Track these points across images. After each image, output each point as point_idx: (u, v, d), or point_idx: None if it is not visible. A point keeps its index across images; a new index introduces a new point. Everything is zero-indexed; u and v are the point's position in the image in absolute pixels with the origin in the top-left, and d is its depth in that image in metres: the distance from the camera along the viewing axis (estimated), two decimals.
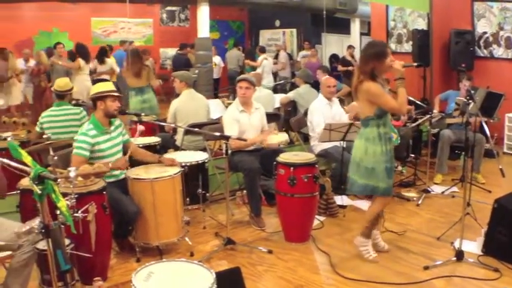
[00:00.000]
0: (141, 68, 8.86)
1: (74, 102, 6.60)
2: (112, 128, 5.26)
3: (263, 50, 14.79)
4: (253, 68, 13.97)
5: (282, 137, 6.47)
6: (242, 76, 6.34)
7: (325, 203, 6.39)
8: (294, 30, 18.29)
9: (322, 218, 6.25)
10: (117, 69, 11.41)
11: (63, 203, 2.99)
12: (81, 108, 6.51)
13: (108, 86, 5.24)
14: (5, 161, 3.43)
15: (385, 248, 5.29)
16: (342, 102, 8.55)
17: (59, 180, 3.02)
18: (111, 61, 11.29)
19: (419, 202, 6.79)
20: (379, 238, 5.33)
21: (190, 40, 14.61)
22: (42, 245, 3.92)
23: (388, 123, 4.81)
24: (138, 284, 2.99)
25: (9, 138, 5.51)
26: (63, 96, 6.42)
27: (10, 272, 3.93)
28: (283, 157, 5.67)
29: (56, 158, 4.65)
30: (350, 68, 14.22)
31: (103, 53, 11.31)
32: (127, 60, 9.20)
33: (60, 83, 6.47)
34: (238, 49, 16.01)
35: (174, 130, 7.40)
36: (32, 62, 11.86)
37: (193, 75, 9.35)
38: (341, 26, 17.27)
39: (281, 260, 5.19)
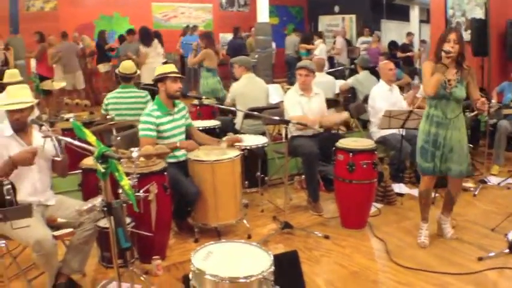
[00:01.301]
0: (217, 50, 9.22)
1: (140, 86, 6.75)
2: (175, 109, 5.33)
3: (320, 35, 15.11)
4: (309, 52, 13.96)
5: (342, 116, 6.40)
6: (302, 64, 6.28)
7: (383, 190, 6.33)
8: (353, 17, 18.10)
9: (379, 206, 6.18)
10: None
11: (126, 182, 3.05)
12: (147, 92, 6.64)
13: (168, 68, 5.30)
14: (69, 140, 3.52)
15: (448, 235, 5.24)
16: (401, 90, 8.44)
17: (121, 160, 3.09)
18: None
19: (476, 193, 6.65)
20: (446, 223, 5.30)
21: (251, 25, 14.62)
22: (103, 223, 4.01)
23: (440, 107, 4.80)
24: (197, 262, 3.03)
25: (71, 119, 5.63)
26: (129, 79, 6.53)
27: (70, 248, 4.04)
28: (342, 143, 5.63)
29: (118, 138, 4.75)
30: (410, 54, 14.07)
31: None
32: (206, 42, 9.30)
33: (126, 65, 6.60)
34: (297, 35, 15.94)
35: (233, 113, 7.45)
36: (80, 46, 12.25)
37: (252, 60, 9.44)
38: (400, 13, 17.05)
39: (337, 246, 5.18)
